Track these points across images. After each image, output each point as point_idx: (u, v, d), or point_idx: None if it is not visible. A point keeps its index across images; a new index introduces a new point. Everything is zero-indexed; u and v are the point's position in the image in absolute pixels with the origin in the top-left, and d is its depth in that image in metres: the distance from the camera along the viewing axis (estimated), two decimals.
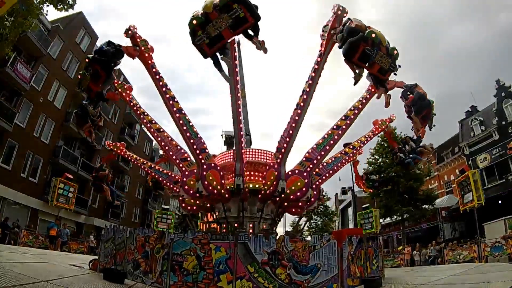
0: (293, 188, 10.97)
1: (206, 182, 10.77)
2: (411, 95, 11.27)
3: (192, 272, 7.98)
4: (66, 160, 25.85)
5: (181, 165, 12.17)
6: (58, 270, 9.05)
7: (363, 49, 8.47)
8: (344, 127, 12.30)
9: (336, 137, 12.13)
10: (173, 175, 15.62)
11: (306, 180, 11.10)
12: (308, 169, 11.43)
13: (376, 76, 9.18)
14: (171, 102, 11.58)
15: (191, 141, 11.30)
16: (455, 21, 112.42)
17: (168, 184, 15.31)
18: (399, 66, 9.03)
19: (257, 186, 11.93)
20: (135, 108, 13.83)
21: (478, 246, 15.67)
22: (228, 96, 11.03)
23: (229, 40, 9.42)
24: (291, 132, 11.12)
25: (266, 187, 11.29)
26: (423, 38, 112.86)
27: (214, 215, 12.98)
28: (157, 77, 11.71)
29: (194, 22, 8.67)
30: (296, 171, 11.34)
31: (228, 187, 11.46)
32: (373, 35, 8.42)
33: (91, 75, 9.57)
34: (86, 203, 28.73)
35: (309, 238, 10.58)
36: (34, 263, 9.51)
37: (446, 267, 14.67)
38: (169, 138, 13.11)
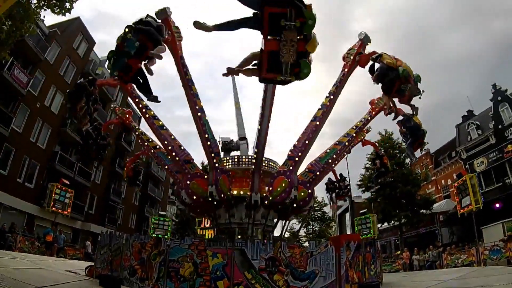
0: (278, 189, 10.97)
1: (190, 191, 10.75)
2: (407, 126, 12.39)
3: (188, 279, 7.92)
4: (62, 166, 25.70)
5: (184, 167, 11.78)
6: (53, 276, 8.96)
7: (399, 85, 9.49)
8: (346, 143, 13.29)
9: (338, 151, 12.95)
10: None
11: (289, 180, 10.98)
12: (291, 167, 11.33)
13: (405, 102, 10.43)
14: (194, 99, 11.16)
15: (208, 143, 11.14)
16: (450, 29, 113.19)
17: (170, 171, 14.23)
18: (423, 91, 10.12)
19: (264, 193, 11.73)
20: (136, 100, 12.96)
21: (476, 250, 15.66)
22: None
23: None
24: (307, 142, 11.37)
25: (274, 194, 10.99)
26: (418, 46, 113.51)
27: (215, 221, 12.83)
28: (184, 70, 11.00)
29: (404, 73, 9.39)
30: (300, 181, 11.34)
31: (235, 193, 11.51)
32: (404, 72, 9.34)
33: (136, 49, 7.64)
34: (83, 209, 28.54)
35: (306, 244, 10.53)
36: (29, 269, 9.41)
37: (444, 271, 14.65)
38: (172, 137, 12.43)
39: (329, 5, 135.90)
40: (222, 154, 17.90)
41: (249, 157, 12.88)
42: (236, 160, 12.98)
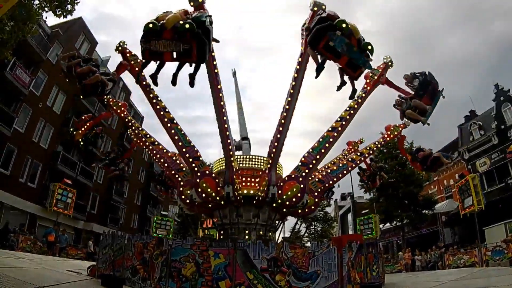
0: (289, 193, 10.92)
1: (199, 190, 10.74)
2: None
3: (190, 279, 7.92)
4: (64, 166, 25.79)
5: (177, 176, 12.32)
6: (55, 276, 8.97)
7: (328, 39, 7.56)
8: (339, 128, 11.99)
9: (331, 139, 11.80)
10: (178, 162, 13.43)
11: (302, 186, 10.99)
12: (304, 174, 11.36)
13: (345, 70, 8.43)
14: (162, 113, 11.72)
15: (184, 149, 11.40)
16: (451, 30, 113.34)
17: (171, 171, 13.78)
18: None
19: (251, 192, 11.81)
20: (129, 124, 14.13)
21: (478, 251, 15.60)
22: (227, 104, 11.06)
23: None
24: (278, 136, 11.07)
25: (285, 198, 11.04)
26: (419, 47, 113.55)
27: (218, 220, 12.85)
28: (148, 89, 11.80)
29: (151, 26, 7.05)
30: (292, 176, 11.32)
31: (249, 192, 11.59)
32: (344, 25, 7.41)
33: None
34: (85, 209, 28.61)
35: (308, 244, 10.50)
36: (31, 269, 9.41)
37: (447, 272, 14.59)
38: (164, 151, 13.24)
39: (329, 7, 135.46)
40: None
41: (257, 157, 12.93)
42: (245, 159, 12.97)
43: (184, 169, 12.45)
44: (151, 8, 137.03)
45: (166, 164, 12.69)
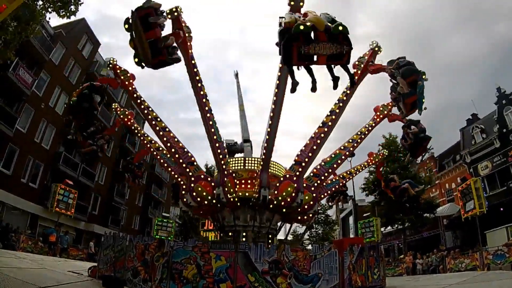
0: (283, 194, 11.04)
1: (194, 193, 10.81)
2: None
3: (192, 281, 7.91)
4: (66, 166, 25.83)
5: (187, 170, 11.82)
6: (56, 277, 8.98)
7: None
8: (351, 148, 13.30)
9: (343, 157, 13.04)
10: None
11: (314, 195, 11.42)
12: (316, 184, 11.76)
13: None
14: (203, 100, 11.19)
15: (217, 144, 11.21)
16: (453, 32, 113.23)
17: (173, 173, 14.21)
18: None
19: (246, 194, 11.74)
20: (138, 101, 12.71)
21: (480, 254, 15.55)
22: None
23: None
24: (314, 148, 11.38)
25: (280, 198, 11.04)
26: (421, 49, 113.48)
27: (219, 223, 12.84)
28: (195, 70, 11.00)
29: (301, 27, 6.64)
30: (305, 185, 11.42)
31: (241, 194, 11.49)
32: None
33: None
34: (86, 210, 28.63)
35: (310, 247, 10.53)
36: (32, 269, 9.43)
37: (448, 276, 14.56)
38: (175, 139, 12.54)
39: (332, 9, 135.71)
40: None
41: (254, 159, 12.89)
42: (241, 161, 12.97)
43: (195, 163, 12.17)
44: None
45: (177, 155, 12.07)
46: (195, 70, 10.95)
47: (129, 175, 16.68)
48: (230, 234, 12.03)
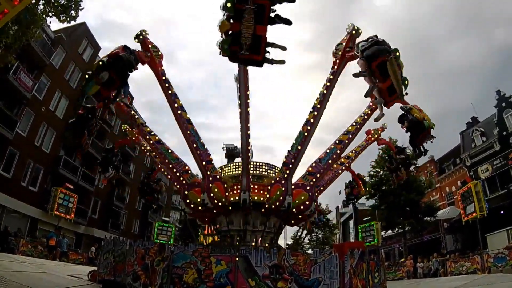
0: (296, 201, 10.86)
1: (211, 194, 10.70)
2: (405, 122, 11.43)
3: (192, 285, 7.88)
4: (66, 170, 25.82)
5: (181, 178, 12.01)
6: (56, 281, 8.98)
7: (384, 60, 7.68)
8: (346, 141, 12.65)
9: (338, 151, 12.42)
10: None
11: (310, 194, 11.08)
12: (311, 183, 11.44)
13: (383, 92, 8.31)
14: (179, 111, 11.48)
15: (198, 152, 11.26)
16: (452, 38, 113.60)
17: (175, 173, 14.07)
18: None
19: (261, 199, 11.70)
20: (133, 119, 13.65)
21: (481, 258, 15.53)
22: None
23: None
24: (299, 147, 11.14)
25: (271, 202, 11.01)
26: (421, 55, 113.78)
27: (216, 227, 12.84)
28: (166, 85, 11.53)
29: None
30: (300, 185, 11.31)
31: (232, 199, 11.37)
32: (398, 53, 7.83)
33: (103, 82, 8.63)
34: (86, 214, 28.62)
35: (310, 251, 10.46)
36: (32, 273, 9.42)
37: (449, 279, 14.54)
38: (169, 151, 12.93)
39: (332, 15, 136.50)
40: (226, 160, 18.07)
41: (261, 164, 12.83)
42: (233, 166, 12.97)
43: (189, 171, 12.32)
44: (153, 15, 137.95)
45: (170, 165, 12.42)
46: (167, 85, 11.57)
47: (151, 195, 16.79)
48: (226, 238, 11.99)
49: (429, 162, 35.58)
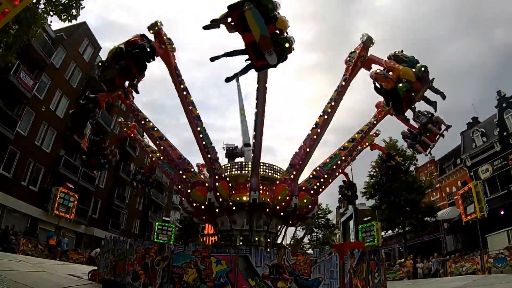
0: (299, 205, 10.86)
1: (217, 193, 10.69)
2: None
3: (192, 285, 7.88)
4: (67, 170, 25.82)
5: (184, 176, 11.90)
6: (56, 280, 8.98)
7: (408, 99, 8.53)
8: (351, 148, 13.05)
9: (343, 157, 12.73)
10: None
11: (313, 198, 11.18)
12: (315, 187, 11.51)
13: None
14: (190, 107, 11.22)
15: (206, 149, 11.16)
16: (453, 38, 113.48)
17: (174, 181, 14.47)
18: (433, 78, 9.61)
19: (263, 199, 11.66)
20: (136, 113, 13.37)
21: (481, 258, 15.52)
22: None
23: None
24: (308, 150, 11.20)
25: (276, 202, 10.97)
26: (421, 56, 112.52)
27: (217, 227, 12.79)
28: (179, 79, 11.22)
29: (404, 88, 8.38)
30: (303, 188, 11.30)
31: (235, 199, 11.38)
32: (404, 88, 8.34)
33: (120, 69, 8.23)
34: (86, 213, 28.60)
35: (310, 252, 10.46)
36: (32, 272, 9.41)
37: (449, 279, 14.54)
38: (171, 147, 12.73)
39: (333, 16, 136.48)
40: (226, 160, 18.02)
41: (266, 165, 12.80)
42: (238, 166, 12.92)
43: (192, 169, 12.28)
44: (154, 16, 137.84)
45: (174, 163, 12.29)
46: (180, 79, 11.20)
47: (139, 185, 16.66)
48: (228, 238, 11.97)
49: (429, 162, 35.58)
